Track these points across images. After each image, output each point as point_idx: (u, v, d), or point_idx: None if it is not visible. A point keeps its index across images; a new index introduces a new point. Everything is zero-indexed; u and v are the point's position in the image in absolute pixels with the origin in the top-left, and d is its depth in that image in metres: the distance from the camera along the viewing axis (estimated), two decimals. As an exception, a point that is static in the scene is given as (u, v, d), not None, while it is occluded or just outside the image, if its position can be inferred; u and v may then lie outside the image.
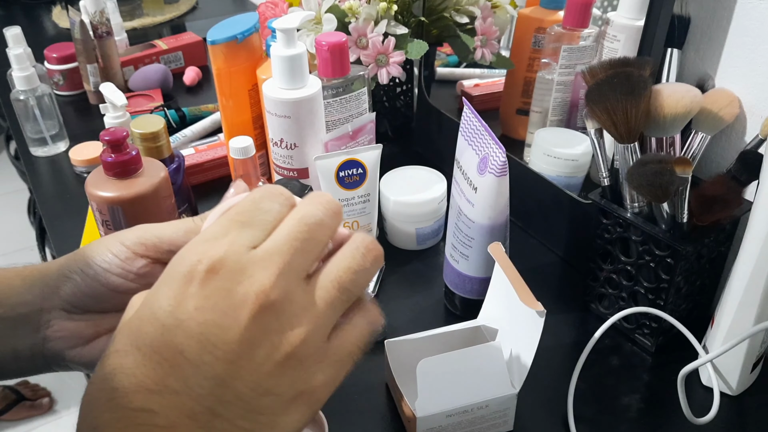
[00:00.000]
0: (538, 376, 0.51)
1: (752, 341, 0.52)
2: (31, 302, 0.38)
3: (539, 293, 0.48)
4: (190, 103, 1.06)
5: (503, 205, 0.55)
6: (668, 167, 0.50)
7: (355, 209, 0.66)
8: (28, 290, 0.38)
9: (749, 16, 0.56)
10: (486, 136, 0.53)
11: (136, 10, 1.49)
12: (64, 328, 0.38)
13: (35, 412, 1.55)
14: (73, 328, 0.38)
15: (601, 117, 0.55)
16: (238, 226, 0.29)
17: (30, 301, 0.38)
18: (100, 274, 0.37)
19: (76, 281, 0.38)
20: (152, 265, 0.38)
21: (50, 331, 0.38)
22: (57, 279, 0.38)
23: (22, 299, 0.38)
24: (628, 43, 0.64)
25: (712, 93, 0.58)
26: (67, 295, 0.38)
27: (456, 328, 0.56)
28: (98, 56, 1.05)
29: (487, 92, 0.88)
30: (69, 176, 0.90)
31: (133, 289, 0.38)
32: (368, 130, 0.69)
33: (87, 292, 0.37)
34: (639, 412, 0.55)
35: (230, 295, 0.27)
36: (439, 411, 0.49)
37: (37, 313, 0.38)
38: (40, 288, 0.38)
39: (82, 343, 0.38)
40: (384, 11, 0.73)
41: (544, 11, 0.74)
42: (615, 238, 0.59)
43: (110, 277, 0.37)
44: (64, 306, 0.38)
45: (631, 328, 0.61)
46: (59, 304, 0.38)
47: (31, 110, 0.92)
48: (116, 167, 0.57)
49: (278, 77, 0.62)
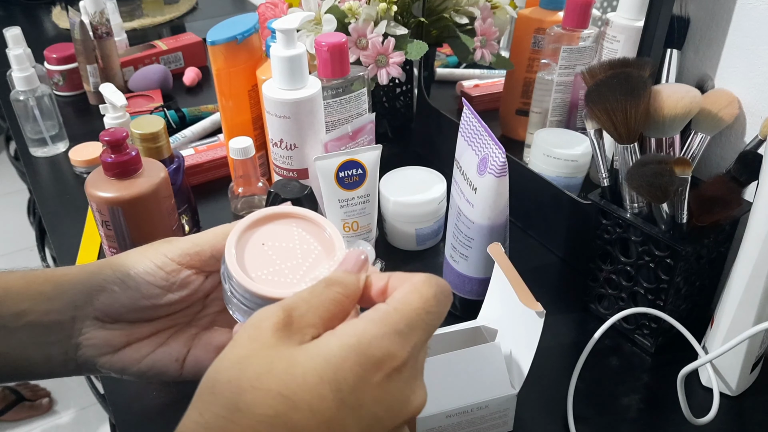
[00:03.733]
0: (537, 376, 0.51)
1: (752, 342, 0.52)
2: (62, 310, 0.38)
3: (539, 294, 0.48)
4: (189, 103, 1.06)
5: (503, 206, 0.55)
6: (668, 168, 0.50)
7: (354, 210, 0.66)
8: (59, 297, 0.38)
9: (748, 17, 0.56)
10: (485, 136, 0.53)
11: (135, 11, 1.49)
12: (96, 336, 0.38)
13: (35, 413, 1.56)
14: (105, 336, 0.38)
15: (600, 117, 0.55)
16: (424, 329, 0.31)
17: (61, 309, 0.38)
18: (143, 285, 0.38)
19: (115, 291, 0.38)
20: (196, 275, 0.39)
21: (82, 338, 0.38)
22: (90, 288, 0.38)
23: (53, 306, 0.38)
24: (627, 44, 0.64)
25: (711, 93, 0.58)
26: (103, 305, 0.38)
27: (456, 328, 0.56)
28: (98, 57, 1.05)
29: (486, 93, 0.88)
30: (69, 177, 0.90)
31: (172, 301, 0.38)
32: (368, 130, 0.69)
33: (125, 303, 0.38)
34: (639, 412, 0.55)
35: (403, 401, 0.30)
36: (438, 411, 0.49)
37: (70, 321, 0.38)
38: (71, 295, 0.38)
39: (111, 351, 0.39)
40: (384, 12, 0.73)
41: (544, 12, 0.74)
42: (614, 239, 0.59)
43: (153, 289, 0.38)
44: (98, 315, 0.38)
45: (631, 329, 0.61)
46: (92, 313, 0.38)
47: (30, 111, 0.92)
48: (116, 168, 0.57)
49: (278, 78, 0.62)
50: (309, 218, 0.38)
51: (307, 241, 0.38)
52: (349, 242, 0.68)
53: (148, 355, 0.39)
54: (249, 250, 0.37)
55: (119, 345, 0.39)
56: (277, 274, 0.36)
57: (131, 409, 0.56)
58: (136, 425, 0.54)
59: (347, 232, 0.67)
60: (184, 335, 0.40)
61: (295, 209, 0.39)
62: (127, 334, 0.39)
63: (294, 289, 0.34)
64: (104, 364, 0.39)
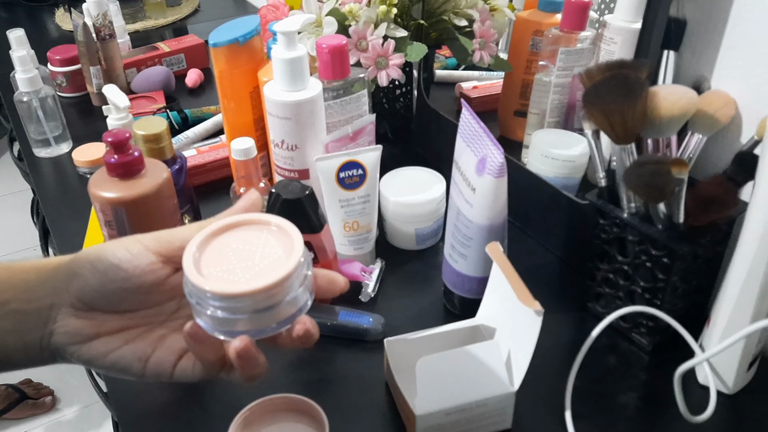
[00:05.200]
0: (536, 374, 0.52)
1: (748, 340, 0.53)
2: (43, 297, 0.39)
3: (537, 292, 0.49)
4: (192, 104, 1.06)
5: (501, 206, 0.55)
6: (665, 168, 0.51)
7: (355, 210, 0.66)
8: (41, 285, 0.39)
9: (745, 19, 0.56)
10: (484, 137, 0.54)
11: (138, 13, 1.50)
12: (69, 324, 0.39)
13: (38, 411, 1.56)
14: (77, 325, 0.39)
15: (598, 118, 0.55)
16: None
17: (42, 296, 0.39)
18: (110, 268, 0.38)
19: (86, 277, 0.38)
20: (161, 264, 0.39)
21: (56, 326, 0.39)
22: (67, 274, 0.39)
23: (35, 294, 0.39)
24: (624, 46, 0.65)
25: (708, 94, 0.58)
26: (76, 290, 0.38)
27: (455, 327, 0.57)
28: (101, 58, 1.05)
29: (485, 94, 0.89)
30: (72, 177, 0.91)
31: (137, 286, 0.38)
32: (368, 131, 0.70)
33: (95, 287, 0.38)
34: (636, 410, 0.55)
35: None
36: (438, 409, 0.49)
37: (47, 308, 0.39)
38: (52, 283, 0.39)
39: (82, 341, 0.39)
40: (384, 14, 0.73)
41: (542, 14, 0.74)
42: (612, 238, 0.59)
43: (119, 272, 0.38)
44: (72, 302, 0.39)
45: (628, 327, 0.61)
46: (68, 299, 0.39)
47: (34, 112, 0.93)
48: (119, 168, 0.58)
49: (279, 79, 0.63)
50: (284, 228, 0.38)
51: (272, 246, 0.38)
52: (350, 240, 0.68)
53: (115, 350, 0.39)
54: (212, 250, 0.38)
55: (90, 335, 0.39)
56: (228, 272, 0.36)
57: (134, 407, 0.56)
58: (139, 423, 0.55)
59: (348, 232, 0.67)
60: (152, 335, 0.40)
61: (274, 218, 0.39)
62: (98, 325, 0.39)
63: (238, 287, 0.35)
64: (74, 353, 0.39)
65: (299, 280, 0.37)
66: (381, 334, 0.61)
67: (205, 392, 0.57)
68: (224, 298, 0.35)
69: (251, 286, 0.35)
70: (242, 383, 0.39)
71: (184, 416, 0.55)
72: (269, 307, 0.36)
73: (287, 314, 0.37)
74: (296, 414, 0.52)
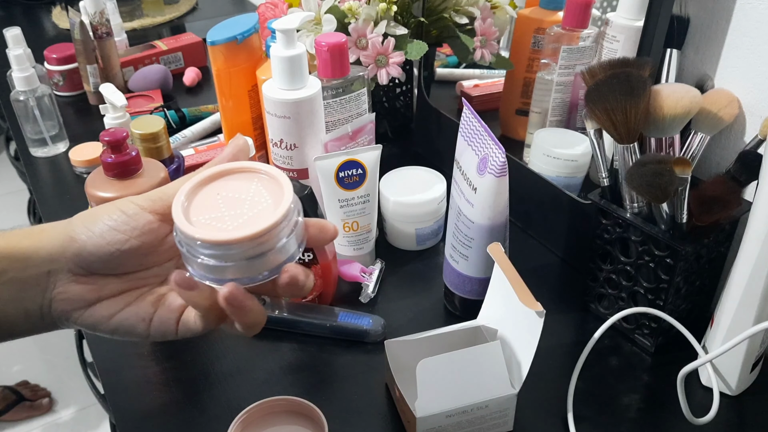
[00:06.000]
0: (537, 376, 0.51)
1: (752, 341, 0.52)
2: (40, 264, 0.38)
3: (539, 293, 0.49)
4: (189, 103, 1.06)
5: (503, 206, 0.55)
6: (667, 168, 0.50)
7: (354, 210, 0.66)
8: (37, 252, 0.38)
9: (748, 17, 0.56)
10: (485, 136, 0.53)
11: (135, 11, 1.49)
12: (69, 290, 0.39)
13: (35, 413, 1.56)
14: (77, 291, 0.39)
15: (600, 117, 0.55)
16: None
17: (39, 263, 0.38)
18: (106, 231, 0.38)
19: (82, 239, 0.38)
20: (158, 223, 0.39)
21: (56, 293, 0.39)
22: (63, 240, 0.38)
23: (32, 262, 0.38)
24: (627, 44, 0.64)
25: (711, 93, 0.58)
26: (73, 255, 0.38)
27: (456, 328, 0.56)
28: (98, 57, 1.05)
29: (486, 93, 0.88)
30: (69, 177, 0.91)
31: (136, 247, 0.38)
32: (368, 130, 0.69)
33: (92, 251, 0.38)
34: (638, 412, 0.55)
35: None
36: (438, 411, 0.49)
37: (46, 275, 0.38)
38: (48, 249, 0.38)
39: (84, 306, 0.39)
40: (383, 12, 0.73)
41: (544, 12, 0.74)
42: (614, 239, 0.59)
43: (116, 235, 0.38)
44: (71, 267, 0.39)
45: (631, 329, 0.61)
46: (66, 265, 0.38)
47: (30, 111, 0.92)
48: (116, 168, 0.57)
49: (278, 78, 0.62)
50: (274, 176, 0.38)
51: (261, 194, 0.38)
52: (350, 241, 0.68)
53: (117, 313, 0.39)
54: (201, 198, 0.38)
55: (91, 300, 0.39)
56: (217, 220, 0.36)
57: (131, 408, 0.56)
58: (136, 425, 0.54)
59: (347, 232, 0.67)
60: (152, 295, 0.40)
61: (263, 166, 0.39)
62: (98, 289, 0.39)
63: (227, 234, 0.34)
64: (77, 319, 0.39)
65: (289, 228, 0.37)
66: (381, 336, 0.60)
67: (203, 394, 0.56)
68: (213, 245, 0.35)
69: (240, 234, 0.35)
70: (243, 334, 0.39)
71: (182, 418, 0.55)
72: (259, 254, 0.36)
73: (277, 262, 0.37)
74: (295, 416, 0.52)
